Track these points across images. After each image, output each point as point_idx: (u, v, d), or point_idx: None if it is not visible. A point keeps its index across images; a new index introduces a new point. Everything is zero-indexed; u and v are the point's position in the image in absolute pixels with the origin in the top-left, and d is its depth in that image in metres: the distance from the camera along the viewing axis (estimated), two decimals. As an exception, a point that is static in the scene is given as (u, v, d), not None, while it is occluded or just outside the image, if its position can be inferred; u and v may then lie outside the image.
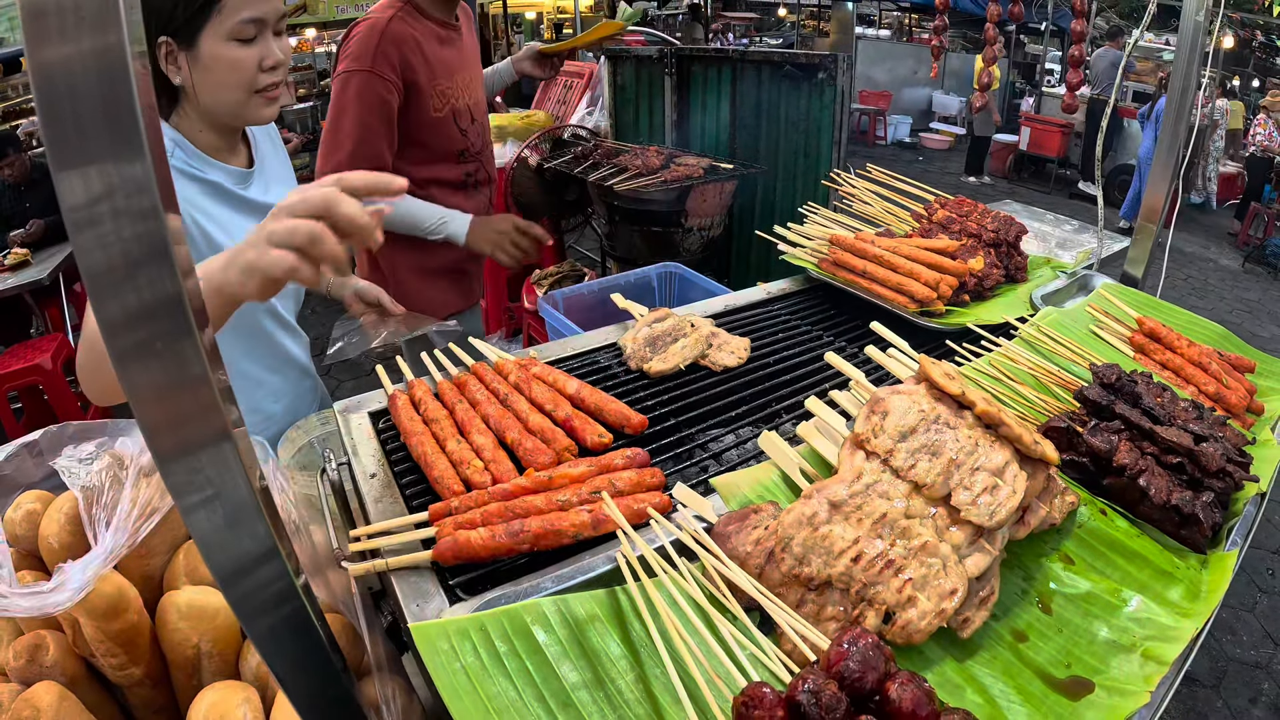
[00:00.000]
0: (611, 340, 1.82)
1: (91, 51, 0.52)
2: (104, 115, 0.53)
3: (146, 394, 0.60)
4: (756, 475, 1.25)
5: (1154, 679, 1.00)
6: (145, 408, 0.61)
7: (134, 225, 0.56)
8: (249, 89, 1.47)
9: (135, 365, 0.59)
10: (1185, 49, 2.19)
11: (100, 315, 0.57)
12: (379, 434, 1.46)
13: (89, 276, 0.56)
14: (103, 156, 0.54)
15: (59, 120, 0.52)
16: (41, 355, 4.60)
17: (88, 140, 0.54)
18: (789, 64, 3.35)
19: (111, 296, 0.57)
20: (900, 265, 1.91)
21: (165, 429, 0.62)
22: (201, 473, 0.64)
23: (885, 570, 0.98)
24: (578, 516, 1.12)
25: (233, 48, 1.42)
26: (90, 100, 0.53)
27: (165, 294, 0.59)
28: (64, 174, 0.54)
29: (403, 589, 1.09)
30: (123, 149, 0.54)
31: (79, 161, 0.54)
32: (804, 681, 0.76)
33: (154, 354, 0.60)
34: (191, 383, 0.62)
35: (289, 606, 0.75)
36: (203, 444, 0.64)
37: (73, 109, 0.53)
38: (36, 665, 1.04)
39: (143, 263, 0.57)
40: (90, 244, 0.55)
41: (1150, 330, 1.83)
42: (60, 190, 0.54)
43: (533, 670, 0.93)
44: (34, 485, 1.23)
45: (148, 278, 0.58)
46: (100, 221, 0.55)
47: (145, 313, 0.58)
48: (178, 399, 0.62)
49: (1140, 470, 1.27)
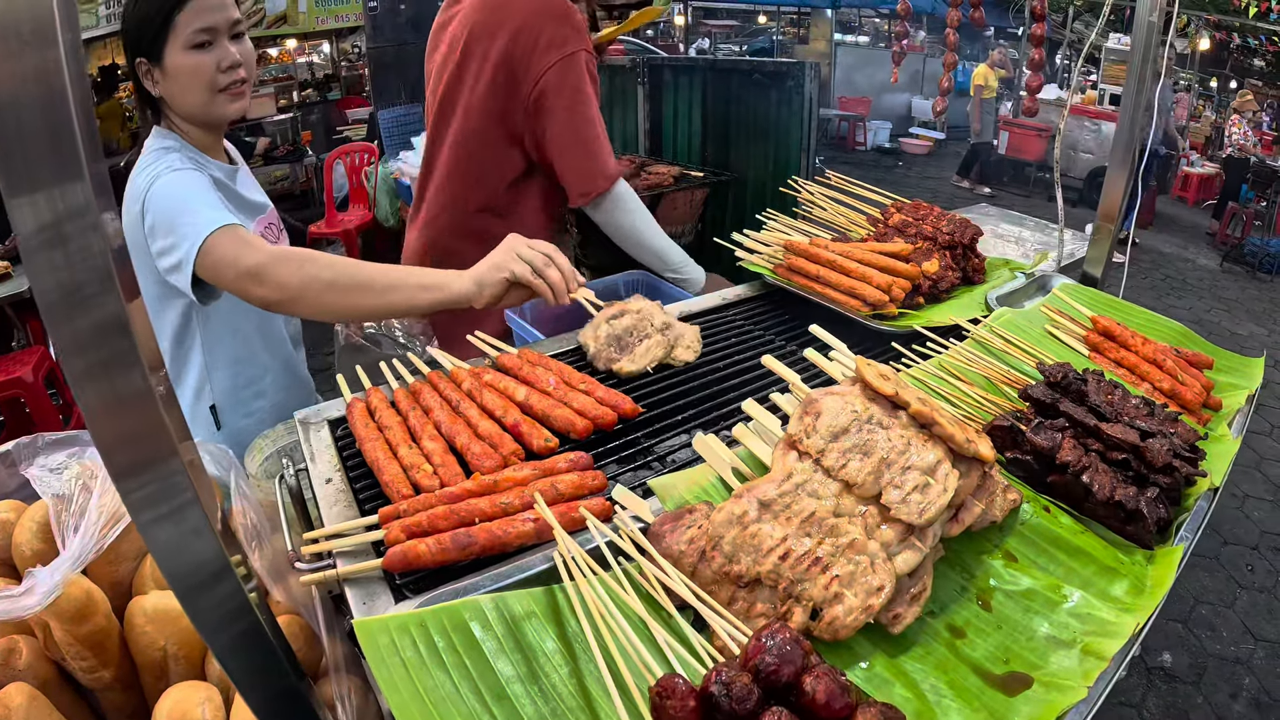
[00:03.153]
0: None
1: (33, 75, 0.54)
2: (48, 143, 0.55)
3: (99, 413, 0.63)
4: (694, 477, 1.26)
5: (1092, 674, 1.00)
6: (99, 426, 0.63)
7: (80, 252, 0.58)
8: (211, 89, 1.68)
9: (88, 386, 0.62)
10: (1139, 50, 2.22)
11: (53, 337, 0.59)
12: (336, 441, 1.49)
13: (42, 302, 0.58)
14: (48, 182, 0.56)
15: (8, 149, 0.55)
16: (22, 368, 4.56)
17: (34, 167, 0.56)
18: (757, 72, 3.38)
19: (63, 321, 0.59)
20: (853, 269, 1.93)
21: (118, 447, 0.65)
22: (154, 489, 0.67)
23: (813, 568, 0.99)
24: (523, 527, 1.15)
25: (191, 55, 1.63)
26: (34, 129, 0.55)
27: (111, 317, 0.61)
28: (15, 201, 0.56)
29: (353, 588, 1.12)
30: (65, 174, 0.56)
31: (28, 189, 0.56)
32: (718, 674, 0.77)
33: (105, 375, 0.62)
34: (139, 402, 0.64)
35: (245, 621, 0.79)
36: (153, 462, 0.66)
37: (19, 137, 0.55)
38: (10, 669, 1.07)
39: (88, 287, 0.59)
40: (41, 269, 0.58)
41: (1104, 329, 1.85)
42: (13, 219, 0.56)
43: (469, 664, 0.96)
44: (8, 495, 1.27)
45: (95, 302, 0.60)
46: (51, 246, 0.57)
47: (95, 335, 0.61)
48: (128, 418, 0.64)
49: (1084, 467, 1.29)
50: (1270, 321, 7.62)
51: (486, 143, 2.23)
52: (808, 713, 0.77)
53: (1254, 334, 7.19)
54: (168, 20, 1.60)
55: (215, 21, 1.64)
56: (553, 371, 1.57)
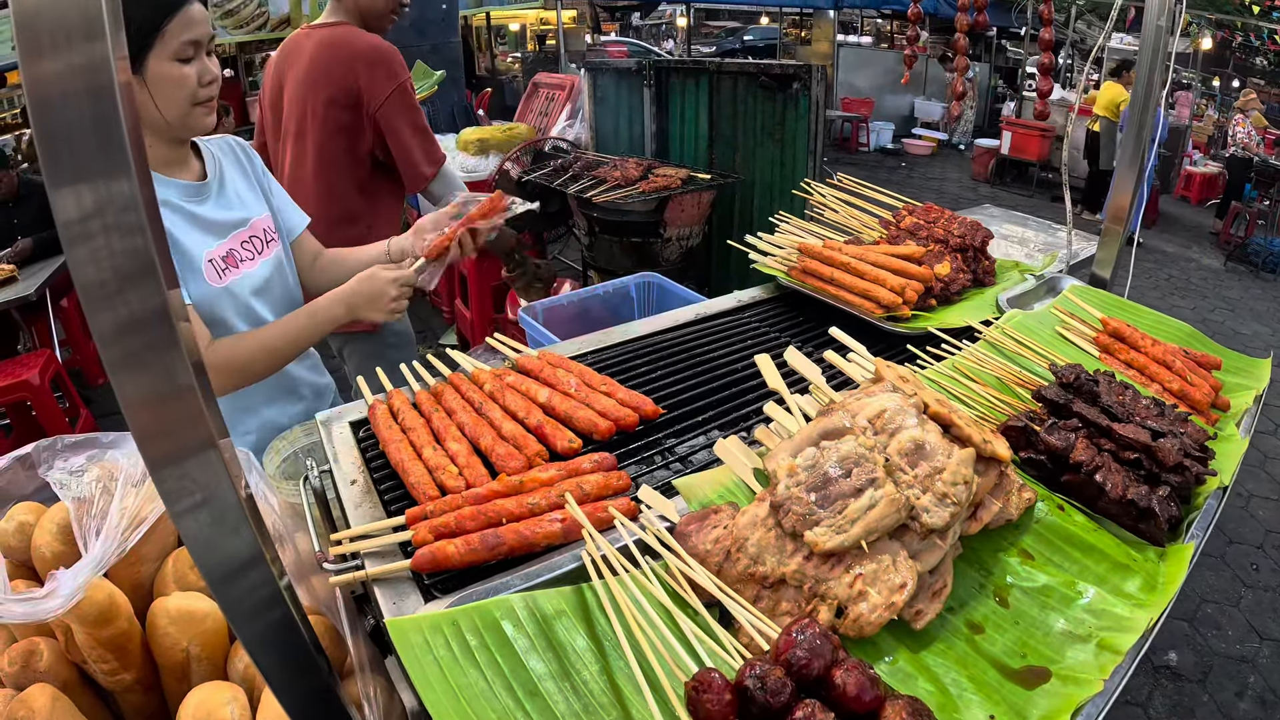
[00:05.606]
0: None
1: (81, 69, 0.55)
2: (94, 134, 0.56)
3: (136, 403, 0.63)
4: (717, 477, 1.29)
5: (1108, 668, 1.03)
6: (136, 416, 0.64)
7: (122, 241, 0.59)
8: (191, 101, 1.65)
9: (126, 375, 0.62)
10: (1148, 53, 2.23)
11: (93, 327, 0.60)
12: (359, 443, 1.51)
13: (82, 290, 0.59)
14: (93, 174, 0.57)
15: (53, 139, 0.56)
16: (29, 371, 4.58)
17: (79, 158, 0.56)
18: (764, 75, 3.40)
19: (103, 309, 0.60)
20: (867, 272, 1.95)
21: (155, 437, 0.65)
22: (190, 479, 0.67)
23: (837, 567, 1.01)
24: (550, 527, 1.16)
25: (176, 67, 1.61)
26: (81, 120, 0.56)
27: (153, 307, 0.61)
28: (58, 191, 0.57)
29: (382, 587, 1.13)
30: (111, 166, 0.57)
31: (71, 179, 0.57)
32: (752, 668, 0.79)
33: (143, 364, 0.63)
34: (178, 392, 0.65)
35: (277, 610, 0.79)
36: (190, 452, 0.67)
37: (65, 129, 0.56)
38: (31, 671, 1.07)
39: (131, 277, 0.60)
40: (83, 258, 0.58)
41: (1114, 330, 1.87)
42: (55, 206, 0.57)
43: (501, 662, 0.98)
44: (26, 497, 1.26)
45: (136, 292, 0.61)
46: (92, 237, 0.58)
47: (134, 325, 0.61)
48: (166, 408, 0.65)
49: (1097, 466, 1.31)
50: (1274, 321, 7.61)
51: (341, 150, 2.73)
52: (838, 705, 0.79)
53: (1258, 333, 7.19)
54: (157, 29, 1.57)
55: (201, 35, 1.63)
56: (573, 373, 1.59)
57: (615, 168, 3.43)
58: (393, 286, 1.77)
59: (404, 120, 2.67)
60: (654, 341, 1.94)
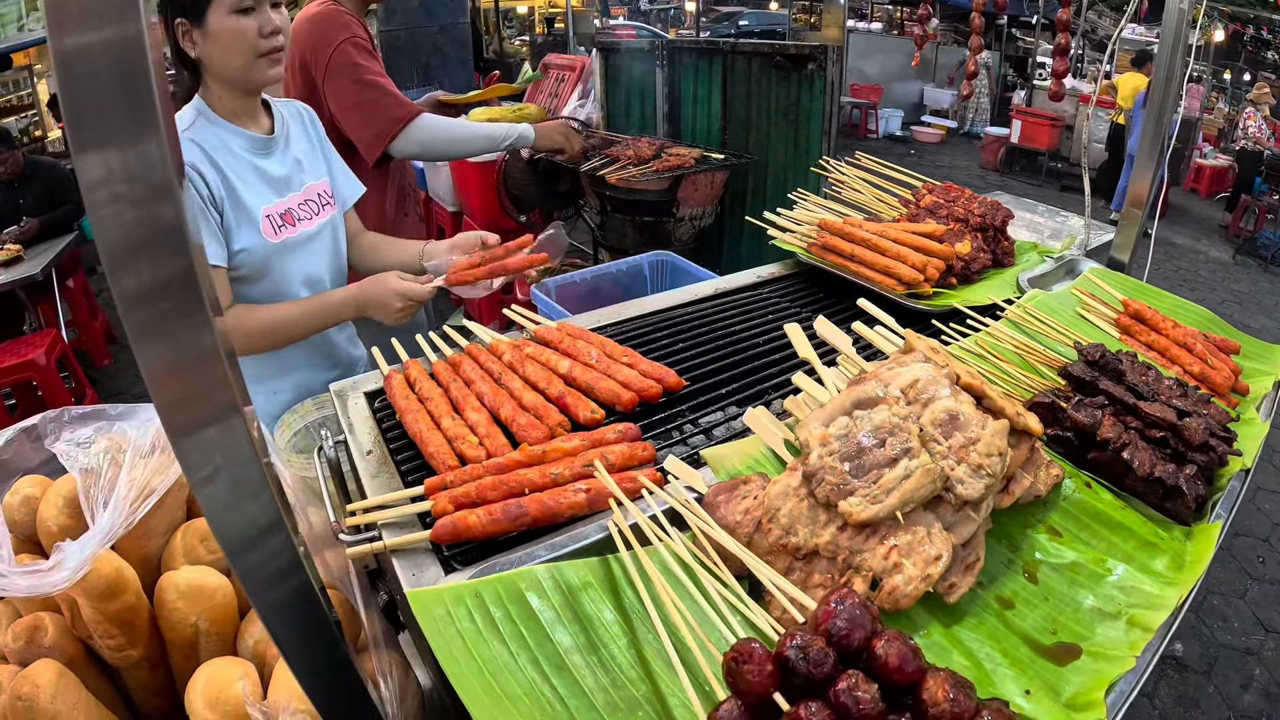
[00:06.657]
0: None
1: (112, 35, 0.53)
2: (124, 97, 0.54)
3: (159, 369, 0.61)
4: (745, 448, 1.27)
5: (1139, 645, 1.01)
6: (158, 383, 0.62)
7: (148, 203, 0.57)
8: (254, 53, 1.69)
9: (149, 341, 0.60)
10: (1169, 40, 2.20)
11: (116, 291, 0.58)
12: (375, 413, 1.49)
13: (106, 253, 0.57)
14: (120, 137, 0.55)
15: (80, 101, 0.54)
16: (35, 351, 4.59)
17: (107, 121, 0.55)
18: (778, 55, 3.37)
19: (127, 273, 0.58)
20: (888, 249, 1.93)
21: (178, 404, 0.63)
22: (212, 446, 0.66)
23: (871, 539, 0.99)
24: (574, 497, 1.14)
25: (235, 19, 1.64)
26: (110, 82, 0.54)
27: (178, 271, 0.60)
28: (83, 154, 0.55)
29: (400, 559, 1.11)
30: (139, 129, 0.55)
31: (98, 142, 0.55)
32: (792, 638, 0.78)
33: (166, 330, 0.61)
34: (202, 359, 0.63)
35: (295, 578, 0.77)
36: (213, 419, 0.65)
37: (94, 91, 0.54)
38: (35, 646, 1.04)
39: (156, 240, 0.58)
40: (107, 221, 0.57)
41: (1135, 312, 1.85)
42: (80, 169, 0.55)
43: (527, 635, 0.95)
44: (32, 470, 1.23)
45: (161, 255, 0.59)
46: (118, 199, 0.56)
47: (158, 289, 0.59)
48: (189, 374, 0.63)
49: (1124, 444, 1.29)
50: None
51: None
52: (880, 676, 0.78)
53: (1266, 327, 7.17)
54: None
55: None
56: (594, 345, 1.57)
57: (628, 147, 3.40)
58: (399, 299, 1.79)
59: (345, 78, 2.55)
60: (672, 315, 1.92)
